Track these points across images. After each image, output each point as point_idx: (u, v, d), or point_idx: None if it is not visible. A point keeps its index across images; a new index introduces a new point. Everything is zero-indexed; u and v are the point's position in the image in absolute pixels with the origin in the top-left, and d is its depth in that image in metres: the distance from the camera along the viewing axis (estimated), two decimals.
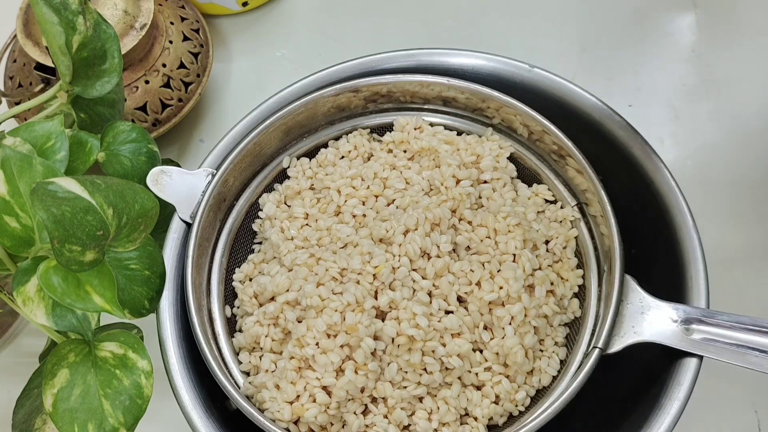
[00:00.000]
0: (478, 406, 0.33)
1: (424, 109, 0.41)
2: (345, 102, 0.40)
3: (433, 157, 0.38)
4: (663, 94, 0.54)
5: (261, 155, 0.39)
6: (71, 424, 0.30)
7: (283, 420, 0.32)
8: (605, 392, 0.34)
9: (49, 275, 0.30)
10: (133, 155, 0.39)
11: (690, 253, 0.34)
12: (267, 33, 0.58)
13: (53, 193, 0.28)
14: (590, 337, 0.33)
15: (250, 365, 0.35)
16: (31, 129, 0.35)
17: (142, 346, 0.33)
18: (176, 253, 0.36)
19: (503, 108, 0.38)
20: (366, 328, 0.31)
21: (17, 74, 0.49)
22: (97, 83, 0.38)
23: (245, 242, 0.40)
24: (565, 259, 0.36)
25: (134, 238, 0.32)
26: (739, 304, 0.44)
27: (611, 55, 0.55)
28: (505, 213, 0.35)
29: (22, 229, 0.31)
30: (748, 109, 0.52)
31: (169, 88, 0.50)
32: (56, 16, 0.35)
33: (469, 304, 0.33)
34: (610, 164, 0.36)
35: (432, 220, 0.34)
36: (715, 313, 0.31)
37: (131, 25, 0.47)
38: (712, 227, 0.40)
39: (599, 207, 0.35)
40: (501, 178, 0.37)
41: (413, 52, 0.41)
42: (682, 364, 0.31)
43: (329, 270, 0.33)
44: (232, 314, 0.37)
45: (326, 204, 0.38)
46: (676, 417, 0.31)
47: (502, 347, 0.33)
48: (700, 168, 0.51)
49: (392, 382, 0.32)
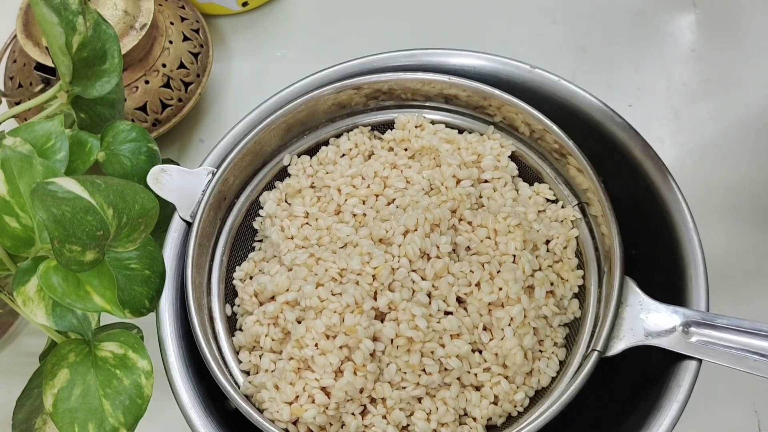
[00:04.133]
0: (477, 406, 0.33)
1: (425, 106, 0.41)
2: (346, 99, 0.40)
3: (434, 156, 0.38)
4: (663, 94, 0.54)
5: (261, 153, 0.39)
6: (71, 424, 0.30)
7: (282, 420, 0.32)
8: (604, 393, 0.34)
9: (49, 275, 0.30)
10: (133, 154, 0.39)
11: (690, 255, 0.34)
12: (267, 33, 0.58)
13: (53, 193, 0.28)
14: (590, 338, 0.33)
15: (250, 364, 0.35)
16: (31, 129, 0.35)
17: (142, 346, 0.33)
18: (176, 252, 0.36)
19: (504, 106, 0.38)
20: (365, 330, 0.31)
21: (17, 74, 0.49)
22: (97, 83, 0.38)
23: (246, 240, 0.40)
24: (566, 259, 0.36)
25: (134, 238, 0.32)
26: (739, 306, 0.44)
27: (611, 55, 0.55)
28: (506, 213, 0.35)
29: (22, 229, 0.31)
30: (748, 109, 0.52)
31: (169, 88, 0.50)
32: (56, 16, 0.35)
33: (469, 305, 0.33)
34: (610, 165, 0.36)
35: (432, 220, 0.34)
36: (715, 316, 0.31)
37: (131, 25, 0.47)
38: (712, 228, 0.40)
39: (600, 207, 0.35)
40: (502, 177, 0.37)
41: (414, 52, 0.41)
42: (682, 366, 0.31)
43: (329, 270, 0.33)
44: (233, 313, 0.37)
45: (326, 203, 0.38)
46: (675, 419, 0.31)
47: (501, 348, 0.33)
48: (700, 168, 0.51)
49: (391, 382, 0.32)
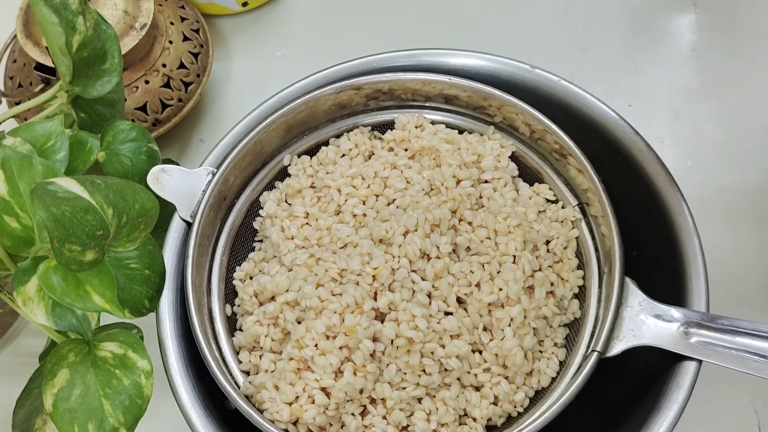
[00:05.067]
0: (477, 407, 0.33)
1: (425, 107, 0.41)
2: (346, 99, 0.40)
3: (434, 157, 0.38)
4: (663, 94, 0.54)
5: (262, 153, 0.39)
6: (71, 424, 0.30)
7: (282, 421, 0.32)
8: (604, 393, 0.34)
9: (49, 275, 0.30)
10: (133, 154, 0.39)
11: (690, 256, 0.34)
12: (267, 33, 0.58)
13: (53, 193, 0.28)
14: (590, 339, 0.33)
15: (250, 364, 0.35)
16: (31, 129, 0.35)
17: (142, 346, 0.33)
18: (176, 252, 0.36)
19: (505, 106, 0.38)
20: (365, 330, 0.31)
21: (17, 74, 0.49)
22: (97, 83, 0.38)
23: (246, 241, 0.40)
24: (566, 259, 0.36)
25: (134, 238, 0.32)
26: (739, 307, 0.44)
27: (611, 55, 0.55)
28: (506, 213, 0.35)
29: (22, 229, 0.31)
30: (748, 109, 0.52)
31: (169, 88, 0.50)
32: (56, 17, 0.35)
33: (469, 305, 0.33)
34: (610, 165, 0.36)
35: (432, 221, 0.34)
36: (715, 317, 0.31)
37: (131, 25, 0.47)
38: (712, 229, 0.40)
39: (600, 208, 0.35)
40: (502, 178, 0.37)
41: (414, 53, 0.41)
42: (682, 367, 0.31)
43: (329, 271, 0.33)
44: (233, 313, 0.37)
45: (327, 203, 0.38)
46: (674, 419, 0.31)
47: (502, 349, 0.33)
48: (700, 168, 0.51)
49: (391, 383, 0.32)
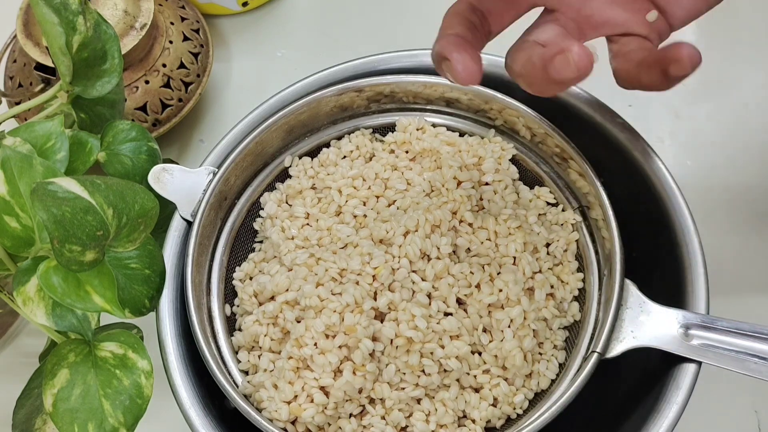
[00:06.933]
0: (476, 408, 0.33)
1: (426, 109, 0.40)
2: (348, 102, 0.40)
3: (435, 159, 0.38)
4: (663, 94, 0.53)
5: (263, 154, 0.39)
6: (71, 424, 0.30)
7: (281, 420, 0.32)
8: (604, 395, 0.34)
9: (49, 275, 0.30)
10: (133, 154, 0.39)
11: (690, 257, 0.34)
12: (267, 33, 0.58)
13: (53, 193, 0.28)
14: (590, 341, 0.33)
15: (248, 364, 0.35)
16: (31, 129, 0.35)
17: (142, 346, 0.33)
18: (176, 252, 0.36)
19: (506, 110, 0.38)
20: (364, 329, 0.31)
21: (17, 74, 0.49)
22: (97, 83, 0.38)
23: (246, 241, 0.40)
24: (566, 262, 0.36)
25: (134, 238, 0.32)
26: (739, 309, 0.44)
27: None
28: (506, 215, 0.35)
29: (22, 229, 0.31)
30: (748, 109, 0.52)
31: (169, 88, 0.50)
32: (56, 17, 0.35)
33: (469, 306, 0.33)
34: (611, 166, 0.36)
35: (432, 221, 0.34)
36: (715, 318, 0.31)
37: (131, 25, 0.47)
38: (712, 229, 0.40)
39: (600, 211, 0.35)
40: (503, 180, 0.37)
41: (415, 53, 0.41)
42: (682, 369, 0.31)
43: (329, 270, 0.33)
44: (232, 313, 0.37)
45: (327, 204, 0.38)
46: (674, 421, 0.31)
47: (501, 350, 0.33)
48: (700, 168, 0.51)
49: (390, 383, 0.32)
